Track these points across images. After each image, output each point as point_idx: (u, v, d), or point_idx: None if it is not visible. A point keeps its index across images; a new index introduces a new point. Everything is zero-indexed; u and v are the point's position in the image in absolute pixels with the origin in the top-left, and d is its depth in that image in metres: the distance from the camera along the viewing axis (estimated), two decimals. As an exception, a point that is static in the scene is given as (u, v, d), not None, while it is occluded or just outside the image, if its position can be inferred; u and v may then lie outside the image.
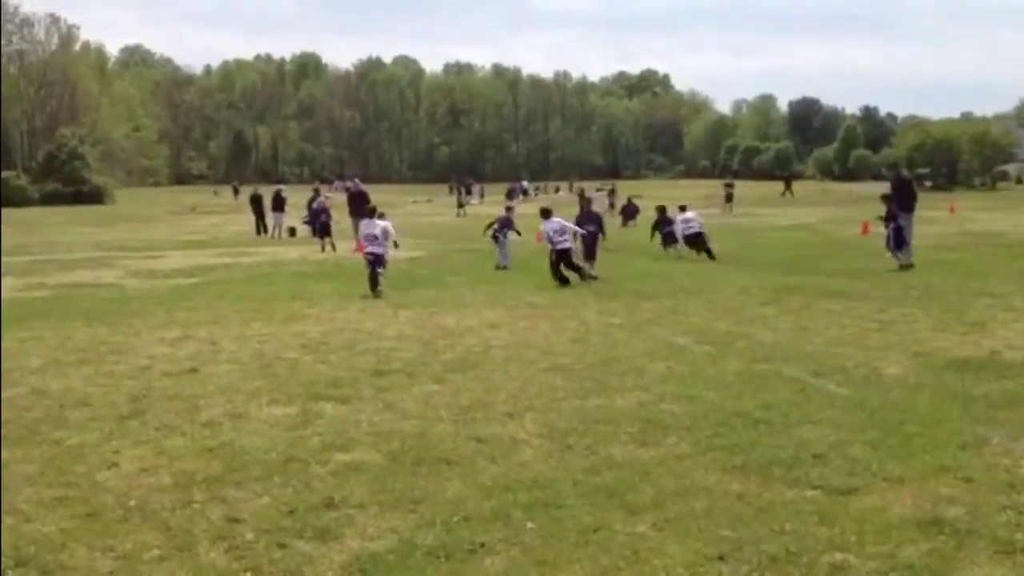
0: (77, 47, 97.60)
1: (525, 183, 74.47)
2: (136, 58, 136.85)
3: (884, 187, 22.76)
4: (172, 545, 5.17)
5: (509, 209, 22.81)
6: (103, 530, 5.39)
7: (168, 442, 7.10)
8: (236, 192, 67.84)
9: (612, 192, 42.06)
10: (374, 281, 15.58)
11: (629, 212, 35.54)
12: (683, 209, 23.09)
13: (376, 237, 16.03)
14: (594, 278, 17.11)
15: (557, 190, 79.01)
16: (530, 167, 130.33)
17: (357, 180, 31.87)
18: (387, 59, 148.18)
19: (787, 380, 8.71)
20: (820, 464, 6.23)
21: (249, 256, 24.72)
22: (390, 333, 11.76)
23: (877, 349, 10.21)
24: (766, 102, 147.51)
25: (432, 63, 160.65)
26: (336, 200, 31.24)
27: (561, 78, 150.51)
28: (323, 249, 25.49)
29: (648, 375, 9.05)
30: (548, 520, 5.41)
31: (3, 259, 23.87)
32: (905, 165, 36.46)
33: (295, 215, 32.63)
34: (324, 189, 34.20)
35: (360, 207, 26.13)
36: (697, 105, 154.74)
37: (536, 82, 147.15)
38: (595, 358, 9.96)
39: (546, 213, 17.83)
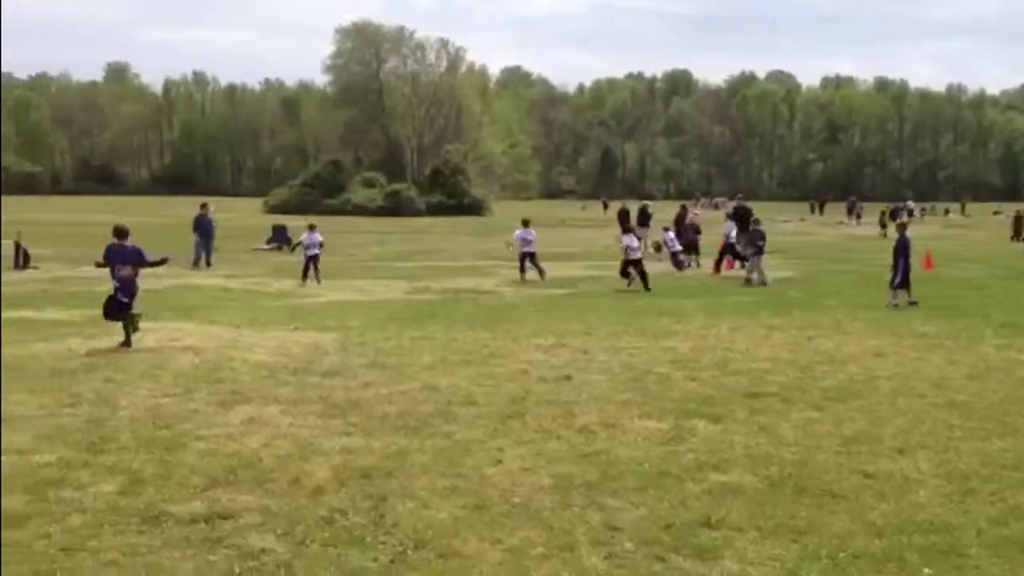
0: (463, 69, 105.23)
1: (911, 203, 69.22)
2: (515, 78, 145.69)
3: None
4: (554, 544, 5.31)
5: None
6: (491, 522, 5.67)
7: (547, 445, 7.36)
8: (605, 207, 70.02)
9: None
10: None
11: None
12: (526, 224, 22.23)
13: None
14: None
15: (947, 212, 72.56)
16: (915, 186, 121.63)
17: (740, 196, 31.44)
18: (760, 74, 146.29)
19: None
20: None
21: (616, 269, 25.19)
22: (763, 354, 11.39)
23: None
24: None
25: (809, 77, 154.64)
26: (704, 217, 31.04)
27: (954, 91, 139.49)
28: (688, 265, 25.40)
29: (1067, 420, 7.98)
30: (948, 568, 4.99)
31: (396, 264, 26.42)
32: None
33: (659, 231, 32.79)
34: (689, 205, 34.15)
35: (747, 224, 25.60)
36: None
37: (925, 95, 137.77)
38: (997, 396, 8.99)
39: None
